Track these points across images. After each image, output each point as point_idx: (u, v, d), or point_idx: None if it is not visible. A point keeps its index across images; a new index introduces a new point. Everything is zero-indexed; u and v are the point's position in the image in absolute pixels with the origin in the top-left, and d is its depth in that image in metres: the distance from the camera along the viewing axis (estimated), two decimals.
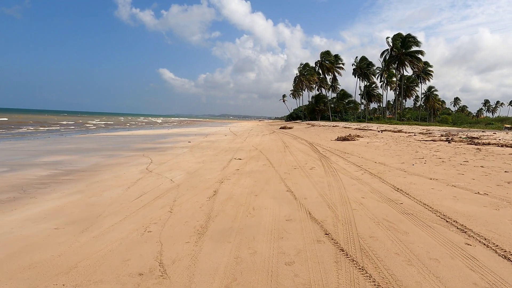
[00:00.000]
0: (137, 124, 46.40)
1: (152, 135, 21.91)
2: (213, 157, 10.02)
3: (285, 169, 7.34)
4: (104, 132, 25.70)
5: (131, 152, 11.78)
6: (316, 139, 16.20)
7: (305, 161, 8.49)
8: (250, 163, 8.61)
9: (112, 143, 15.28)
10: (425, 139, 12.44)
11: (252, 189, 5.35)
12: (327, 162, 8.13)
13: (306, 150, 11.27)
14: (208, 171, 7.48)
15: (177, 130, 31.27)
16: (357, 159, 8.43)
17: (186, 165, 8.43)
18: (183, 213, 4.17)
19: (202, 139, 18.31)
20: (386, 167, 6.93)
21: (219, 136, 21.61)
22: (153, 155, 10.87)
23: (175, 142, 16.40)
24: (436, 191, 4.66)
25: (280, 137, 19.20)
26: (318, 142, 14.23)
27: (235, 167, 7.97)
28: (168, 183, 6.25)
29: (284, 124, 49.94)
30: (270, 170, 7.29)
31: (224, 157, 9.94)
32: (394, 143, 12.10)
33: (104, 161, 9.41)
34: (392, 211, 3.83)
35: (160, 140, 17.40)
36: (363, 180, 5.65)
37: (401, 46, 44.22)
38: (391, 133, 17.43)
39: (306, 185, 5.45)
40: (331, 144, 13.23)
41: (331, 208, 4.02)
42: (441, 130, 17.61)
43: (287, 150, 11.71)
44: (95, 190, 5.61)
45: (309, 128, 31.18)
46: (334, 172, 6.56)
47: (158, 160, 9.61)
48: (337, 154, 9.55)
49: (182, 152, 11.68)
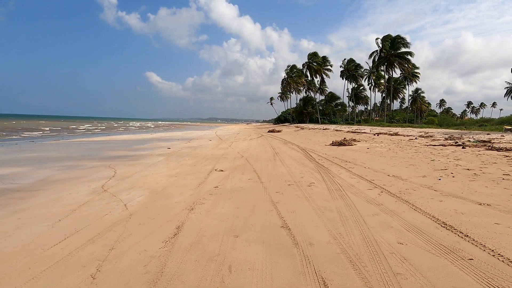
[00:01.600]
0: (120, 129, 43.88)
1: (132, 141, 19.97)
2: (190, 168, 8.34)
3: (277, 185, 5.75)
4: (81, 137, 23.52)
5: (96, 161, 9.97)
6: (309, 144, 14.72)
7: (300, 174, 6.93)
8: (234, 176, 6.98)
9: (81, 151, 13.39)
10: (431, 144, 11.12)
11: (231, 224, 3.72)
12: (327, 175, 6.59)
13: (299, 158, 9.73)
14: (178, 189, 5.81)
15: (160, 134, 29.26)
16: (363, 170, 6.93)
17: (154, 181, 6.73)
18: (113, 280, 2.51)
19: (183, 145, 16.56)
20: (405, 182, 5.43)
21: (203, 141, 19.88)
22: (121, 165, 9.11)
23: (153, 148, 14.60)
24: (505, 227, 3.15)
25: (268, 142, 17.65)
26: (311, 148, 12.74)
27: (214, 182, 6.33)
28: (119, 210, 4.54)
29: (272, 127, 48.53)
30: (258, 187, 5.68)
31: (203, 168, 8.28)
32: (398, 148, 10.71)
33: (56, 175, 7.61)
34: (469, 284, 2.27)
35: (137, 146, 15.56)
36: (386, 205, 4.10)
37: (390, 47, 43.69)
38: (389, 137, 16.15)
39: (307, 215, 3.87)
40: (327, 150, 11.75)
41: (358, 270, 2.42)
42: (441, 133, 16.49)
43: (277, 157, 10.15)
44: (7, 226, 3.86)
45: (299, 132, 29.79)
46: (341, 191, 5.02)
47: (123, 172, 7.87)
48: (337, 163, 8.04)
49: (156, 162, 9.95)
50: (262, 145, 15.53)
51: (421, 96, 68.98)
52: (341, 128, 29.16)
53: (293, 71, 64.78)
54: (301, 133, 26.78)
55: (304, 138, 19.85)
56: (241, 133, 30.87)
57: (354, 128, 27.19)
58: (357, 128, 27.09)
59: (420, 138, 14.13)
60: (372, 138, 15.39)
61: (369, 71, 58.77)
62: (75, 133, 29.67)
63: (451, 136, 13.97)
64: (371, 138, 15.44)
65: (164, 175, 7.39)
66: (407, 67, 43.42)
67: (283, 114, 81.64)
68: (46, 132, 30.35)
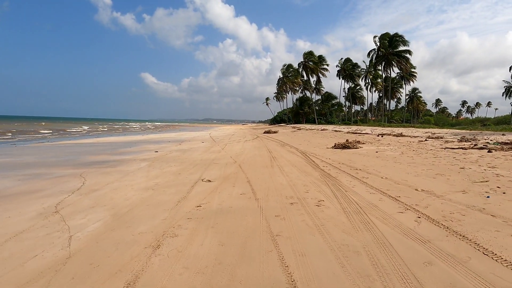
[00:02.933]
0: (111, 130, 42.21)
1: (120, 143, 18.59)
2: (173, 178, 7.03)
3: (276, 204, 4.47)
4: (68, 139, 22.04)
5: (69, 169, 8.68)
6: (308, 147, 13.48)
7: (304, 186, 5.65)
8: (222, 189, 5.68)
9: (60, 155, 12.06)
10: (448, 147, 9.91)
11: (210, 279, 2.44)
12: (338, 188, 5.33)
13: (300, 164, 8.47)
14: (150, 210, 4.50)
15: (152, 136, 27.83)
16: (381, 181, 5.68)
17: (124, 196, 5.41)
18: None
19: (173, 148, 15.23)
20: (444, 201, 4.18)
21: (195, 143, 18.55)
22: (94, 174, 7.80)
23: (139, 152, 13.27)
24: None
25: (264, 144, 16.37)
26: (312, 151, 11.49)
27: (198, 198, 5.03)
28: (58, 248, 3.23)
29: (268, 128, 47.32)
30: (251, 207, 4.39)
31: (188, 178, 6.97)
32: (412, 152, 9.49)
33: (12, 188, 6.34)
34: None
35: (123, 150, 14.20)
36: (435, 243, 2.80)
37: (389, 46, 42.69)
38: (394, 138, 14.97)
39: (324, 263, 2.58)
40: (329, 153, 10.50)
41: None
42: (449, 134, 15.35)
43: (274, 163, 8.87)
44: None
45: (296, 132, 28.56)
46: (363, 216, 3.75)
47: (92, 184, 6.56)
48: (346, 172, 6.78)
49: (137, 168, 8.63)
50: (257, 147, 14.26)
51: (418, 95, 68.41)
52: (340, 129, 28.00)
53: (289, 70, 63.58)
54: (298, 134, 25.55)
55: (302, 139, 18.61)
56: (236, 134, 29.56)
57: (354, 129, 26.03)
58: (357, 129, 25.93)
59: (429, 139, 12.96)
60: (378, 140, 14.19)
61: (366, 71, 57.86)
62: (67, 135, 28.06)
63: (463, 137, 12.83)
64: (376, 140, 14.23)
65: (139, 188, 6.09)
66: (406, 65, 42.44)
67: (279, 115, 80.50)
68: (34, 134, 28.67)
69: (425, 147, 10.38)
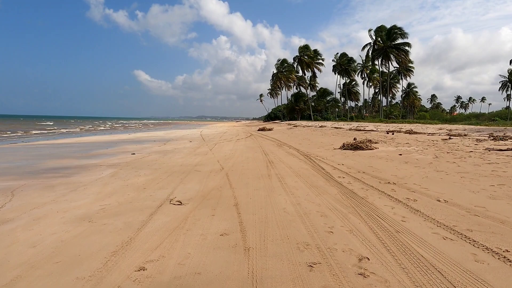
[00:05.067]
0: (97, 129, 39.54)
1: (99, 143, 16.36)
2: (131, 196, 4.91)
3: (282, 266, 2.40)
4: (46, 139, 19.67)
5: (7, 179, 6.87)
6: (311, 147, 11.46)
7: (322, 216, 3.60)
8: (194, 223, 3.59)
9: (16, 159, 10.19)
10: (490, 147, 7.97)
11: None
12: (378, 223, 3.28)
13: (307, 173, 6.42)
14: (51, 280, 2.40)
15: (139, 135, 25.47)
16: (441, 208, 3.66)
17: (34, 238, 3.32)
18: None
19: (155, 148, 13.09)
20: None
21: (182, 142, 16.39)
22: (33, 188, 5.80)
23: (113, 154, 11.13)
24: None
25: (259, 143, 14.30)
26: (316, 153, 9.46)
27: (147, 247, 2.91)
28: None
29: (262, 125, 45.20)
30: (236, 277, 2.35)
31: (152, 197, 4.86)
32: (447, 154, 7.49)
33: None
34: None
35: (96, 152, 12.05)
36: None
37: (387, 39, 40.81)
38: (407, 136, 13.02)
39: None
40: (340, 156, 8.49)
41: None
42: (468, 130, 13.49)
43: (272, 171, 6.81)
44: None
45: (292, 130, 26.52)
46: None
47: (13, 207, 4.70)
48: (375, 187, 4.76)
49: (95, 179, 6.54)
50: (250, 148, 12.18)
51: (414, 91, 67.07)
52: (340, 125, 26.02)
53: (284, 65, 61.46)
54: (295, 131, 23.50)
55: (301, 138, 16.57)
56: (228, 133, 27.40)
57: (356, 125, 24.06)
58: (358, 125, 23.96)
59: (453, 137, 11.05)
60: (390, 138, 12.21)
61: (362, 65, 56.08)
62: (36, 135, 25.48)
63: (491, 134, 10.95)
64: (388, 138, 12.25)
65: (72, 217, 3.99)
66: (405, 59, 40.65)
67: (274, 111, 78.47)
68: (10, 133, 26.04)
69: (457, 147, 8.44)
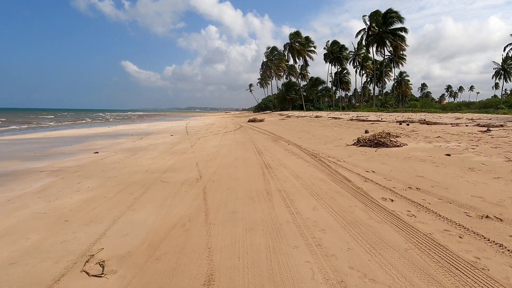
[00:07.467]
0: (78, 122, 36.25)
1: (67, 138, 13.79)
2: (27, 246, 2.55)
3: None
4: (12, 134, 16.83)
5: None
6: (315, 142, 9.25)
7: None
8: None
9: None
10: None
11: None
12: None
13: (326, 188, 4.23)
14: None
15: (119, 127, 22.69)
16: None
17: None
18: None
19: (127, 145, 10.64)
20: None
21: (162, 136, 13.92)
22: None
23: (72, 153, 8.70)
24: None
25: (249, 137, 12.02)
26: (326, 152, 7.26)
27: None
28: None
29: (253, 115, 42.77)
30: None
31: (63, 247, 2.52)
32: None
33: None
34: None
35: (55, 150, 9.60)
36: None
37: (383, 23, 38.65)
38: (427, 127, 10.95)
39: None
40: (360, 156, 6.32)
41: None
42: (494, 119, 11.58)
43: (272, 184, 4.57)
44: None
45: (286, 121, 24.26)
46: None
47: None
48: (467, 228, 2.63)
49: (6, 199, 4.11)
50: (240, 144, 9.89)
51: (406, 79, 65.75)
52: (338, 116, 23.90)
53: (274, 53, 58.76)
54: (290, 122, 21.26)
55: (299, 130, 14.34)
56: (216, 124, 24.94)
57: (355, 115, 21.97)
58: (358, 115, 21.89)
59: (492, 128, 9.04)
60: (412, 131, 10.07)
61: (354, 53, 54.00)
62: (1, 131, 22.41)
63: None
64: (409, 131, 10.09)
65: None
66: (402, 44, 38.66)
67: (264, 101, 75.92)
68: None
69: (504, 141, 6.37)
